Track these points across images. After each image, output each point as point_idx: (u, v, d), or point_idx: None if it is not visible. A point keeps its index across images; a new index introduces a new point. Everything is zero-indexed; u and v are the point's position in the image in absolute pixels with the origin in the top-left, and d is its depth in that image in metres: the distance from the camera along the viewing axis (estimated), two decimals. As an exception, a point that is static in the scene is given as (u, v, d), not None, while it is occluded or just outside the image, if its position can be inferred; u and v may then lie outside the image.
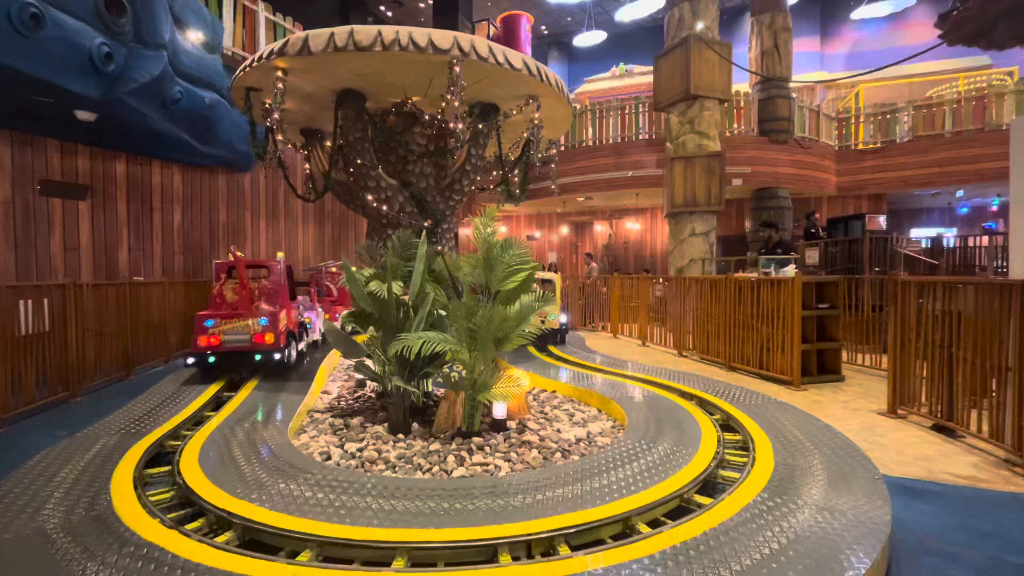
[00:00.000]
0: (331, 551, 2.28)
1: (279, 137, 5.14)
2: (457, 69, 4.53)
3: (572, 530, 2.37)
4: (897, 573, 2.33)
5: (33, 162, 6.89)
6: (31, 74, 4.95)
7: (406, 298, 4.14)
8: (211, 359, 4.97)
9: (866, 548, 2.16)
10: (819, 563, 2.05)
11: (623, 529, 2.51)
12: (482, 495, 2.65)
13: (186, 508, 2.76)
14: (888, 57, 7.40)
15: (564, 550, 2.29)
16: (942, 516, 2.87)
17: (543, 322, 7.14)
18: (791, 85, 11.71)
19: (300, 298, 6.56)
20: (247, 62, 4.95)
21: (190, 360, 5.06)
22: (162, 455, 3.51)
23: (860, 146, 12.65)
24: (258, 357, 5.01)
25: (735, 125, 11.74)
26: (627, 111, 12.28)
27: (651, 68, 10.80)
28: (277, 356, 5.04)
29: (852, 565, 2.04)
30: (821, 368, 6.14)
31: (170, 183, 8.80)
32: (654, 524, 2.55)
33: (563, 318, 7.59)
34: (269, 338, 4.96)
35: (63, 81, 5.18)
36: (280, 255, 7.40)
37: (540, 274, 7.41)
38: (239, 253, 5.34)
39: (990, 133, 11.30)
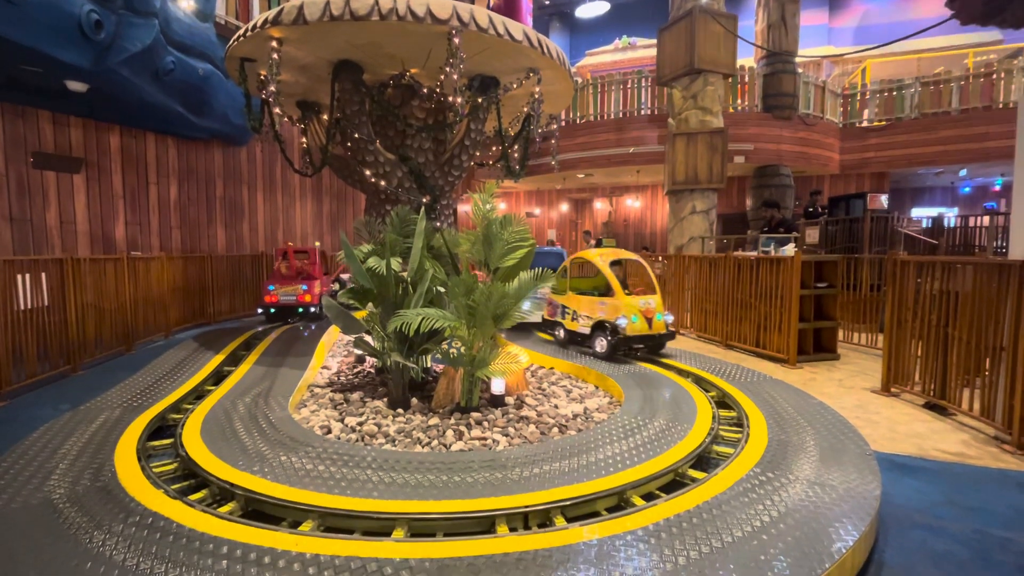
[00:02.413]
0: (332, 521, 2.33)
1: (275, 110, 5.05)
2: (456, 40, 4.42)
3: (568, 502, 2.42)
4: (885, 545, 2.39)
5: (25, 134, 6.78)
6: (19, 42, 4.82)
7: (405, 274, 4.14)
8: (272, 310, 7.53)
9: (855, 521, 2.21)
10: (809, 535, 2.11)
11: (618, 502, 2.57)
12: (480, 468, 2.70)
13: (189, 480, 2.82)
14: (897, 31, 7.24)
15: (560, 521, 2.35)
16: (931, 491, 2.93)
17: (650, 323, 5.27)
18: (797, 60, 11.46)
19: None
20: (241, 31, 4.82)
21: (259, 310, 7.75)
22: (164, 428, 3.55)
23: (865, 123, 12.48)
24: (300, 310, 7.54)
25: (739, 101, 11.55)
26: (629, 85, 12.05)
27: (655, 41, 10.56)
28: (312, 309, 7.56)
29: (840, 537, 2.09)
30: (817, 347, 6.19)
31: (165, 157, 8.68)
32: (649, 497, 2.61)
33: (669, 318, 5.53)
34: (308, 298, 7.51)
35: (52, 50, 5.06)
36: (317, 243, 9.42)
37: (613, 252, 5.84)
38: (291, 244, 8.33)
39: (997, 111, 11.14)
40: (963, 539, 2.45)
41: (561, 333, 6.04)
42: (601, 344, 5.30)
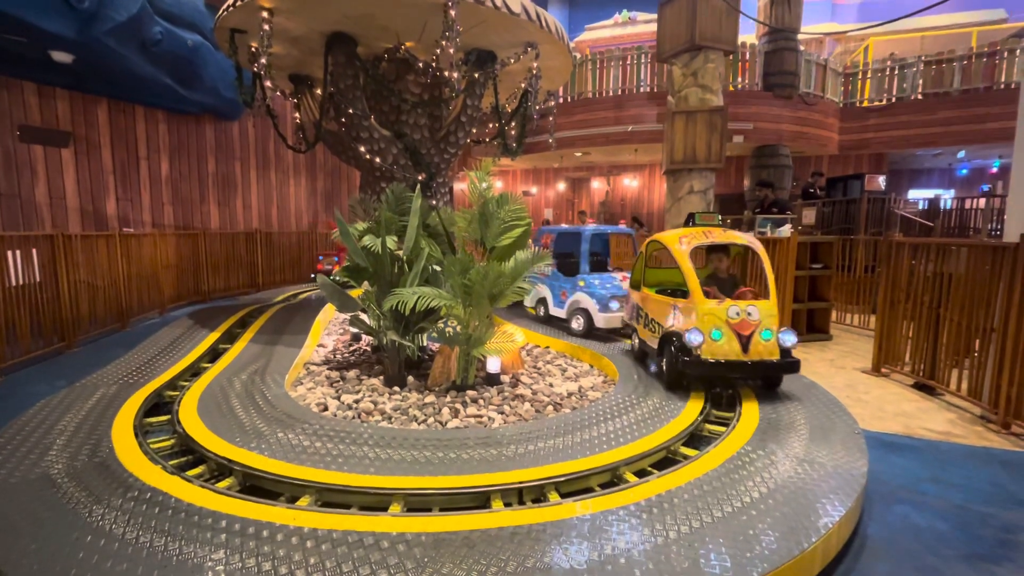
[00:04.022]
0: (330, 497, 2.36)
1: (267, 83, 4.94)
2: (452, 12, 4.31)
3: (562, 478, 2.46)
4: (870, 520, 2.45)
5: (10, 106, 6.63)
6: (0, 10, 4.68)
7: (400, 253, 4.12)
8: (315, 277, 8.80)
9: (841, 498, 2.26)
10: (797, 511, 2.16)
11: (611, 478, 2.61)
12: (476, 445, 2.73)
13: (186, 456, 2.84)
14: (901, 9, 7.09)
15: (554, 497, 2.39)
16: (916, 468, 3.00)
17: (745, 345, 3.47)
18: (799, 37, 11.27)
19: None
20: (230, 1, 4.68)
21: (312, 275, 9.60)
22: (161, 405, 3.57)
23: (865, 103, 12.36)
24: (331, 277, 8.07)
25: (739, 79, 11.38)
26: (629, 61, 11.84)
27: (655, 16, 10.34)
28: (336, 278, 8.77)
29: (827, 513, 2.14)
30: (810, 327, 6.24)
31: (155, 131, 8.52)
32: (641, 474, 2.65)
33: (790, 339, 3.55)
34: (336, 268, 8.48)
35: (35, 18, 4.91)
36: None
37: (705, 233, 3.91)
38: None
39: (998, 92, 11.03)
40: (945, 514, 2.52)
41: (635, 342, 4.56)
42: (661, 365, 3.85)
